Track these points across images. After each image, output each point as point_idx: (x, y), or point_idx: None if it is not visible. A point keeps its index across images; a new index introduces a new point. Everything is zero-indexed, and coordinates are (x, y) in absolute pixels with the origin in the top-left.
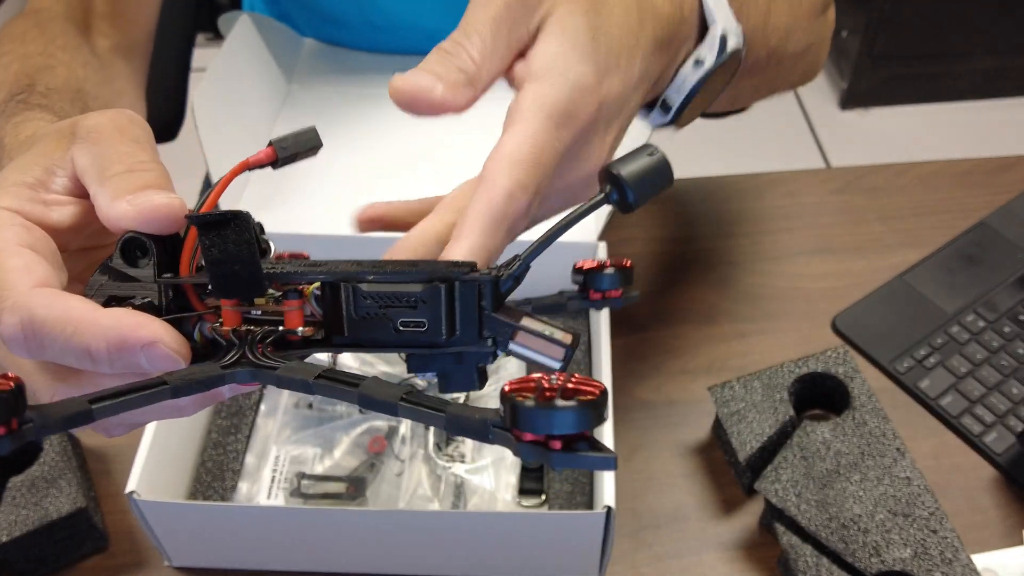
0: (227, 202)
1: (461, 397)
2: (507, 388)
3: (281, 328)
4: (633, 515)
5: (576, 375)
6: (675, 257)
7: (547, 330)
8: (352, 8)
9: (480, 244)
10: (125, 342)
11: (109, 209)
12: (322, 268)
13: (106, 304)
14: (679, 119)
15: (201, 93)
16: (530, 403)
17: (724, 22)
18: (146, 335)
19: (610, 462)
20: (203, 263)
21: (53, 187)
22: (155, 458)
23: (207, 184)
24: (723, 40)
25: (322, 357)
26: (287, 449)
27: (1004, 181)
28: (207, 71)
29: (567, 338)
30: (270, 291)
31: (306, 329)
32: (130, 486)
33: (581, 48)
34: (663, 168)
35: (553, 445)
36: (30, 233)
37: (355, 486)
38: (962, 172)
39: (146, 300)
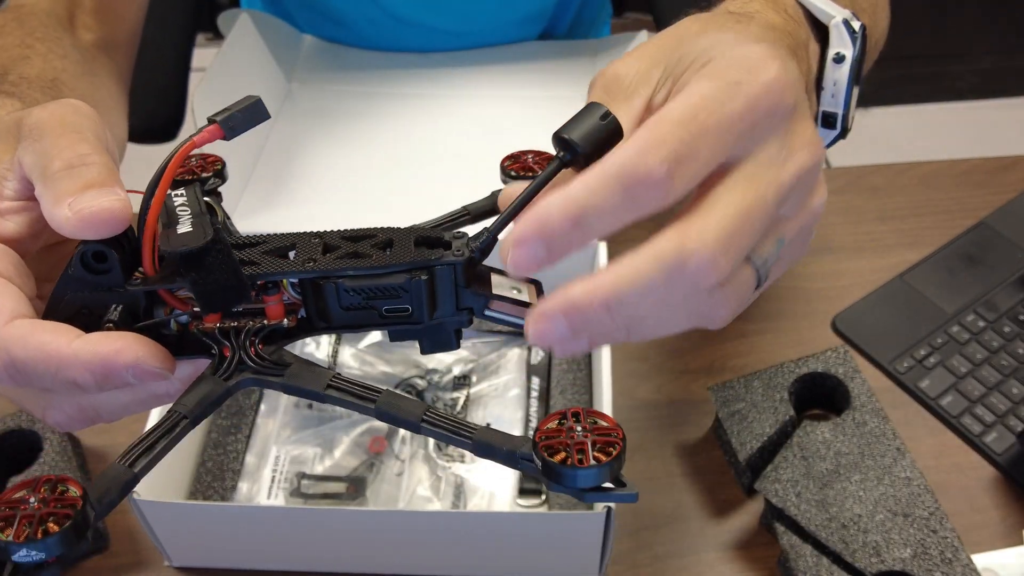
0: (228, 202)
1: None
2: (538, 439)
3: (267, 323)
4: (633, 515)
5: (595, 414)
6: None
7: (515, 294)
8: (351, 6)
9: (578, 193)
10: (110, 370)
11: (52, 214)
12: (299, 260)
13: (77, 315)
14: (847, 125)
15: (201, 93)
16: (560, 462)
17: (836, 11)
18: (129, 359)
19: (632, 497)
20: (162, 251)
21: (5, 194)
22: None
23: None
24: (848, 26)
25: (321, 357)
26: (287, 449)
27: (1004, 181)
28: (207, 70)
29: (533, 299)
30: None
31: (290, 319)
32: None
33: (732, 39)
34: (612, 128)
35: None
36: None
37: (355, 486)
38: (962, 172)
39: (120, 309)
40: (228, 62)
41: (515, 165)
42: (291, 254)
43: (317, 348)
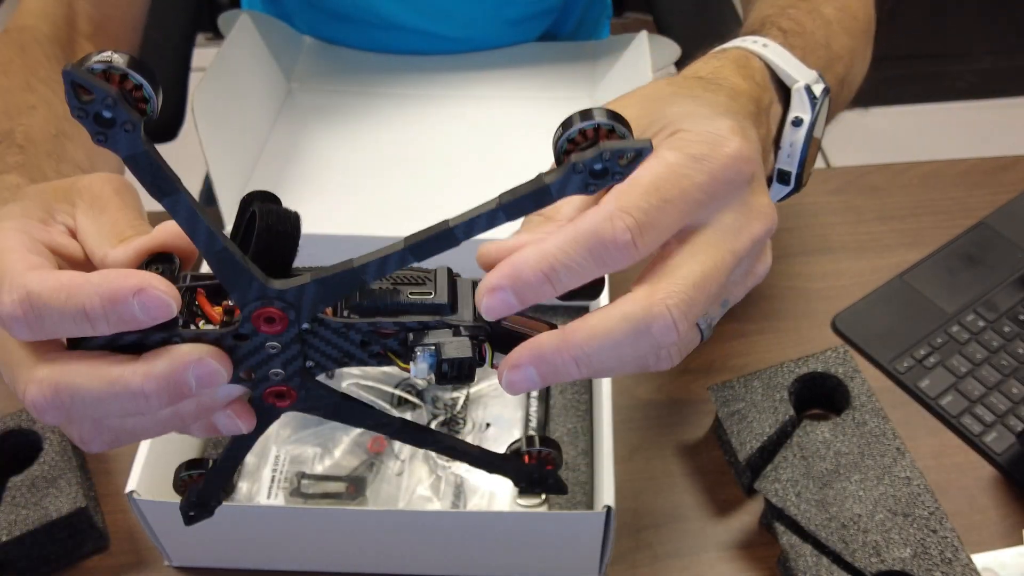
0: (227, 203)
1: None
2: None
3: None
4: (633, 515)
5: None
6: None
7: (528, 314)
8: (351, 10)
9: (551, 251)
10: (116, 293)
11: (127, 250)
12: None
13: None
14: (801, 182)
15: (201, 93)
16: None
17: (801, 76)
18: (135, 282)
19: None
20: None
21: (55, 227)
22: (155, 458)
23: (207, 185)
24: (809, 91)
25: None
26: (287, 449)
27: (1004, 181)
28: (207, 71)
29: (542, 327)
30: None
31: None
32: (130, 486)
33: (703, 113)
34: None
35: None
36: (35, 245)
37: (355, 486)
38: (962, 172)
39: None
40: (228, 62)
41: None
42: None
43: None
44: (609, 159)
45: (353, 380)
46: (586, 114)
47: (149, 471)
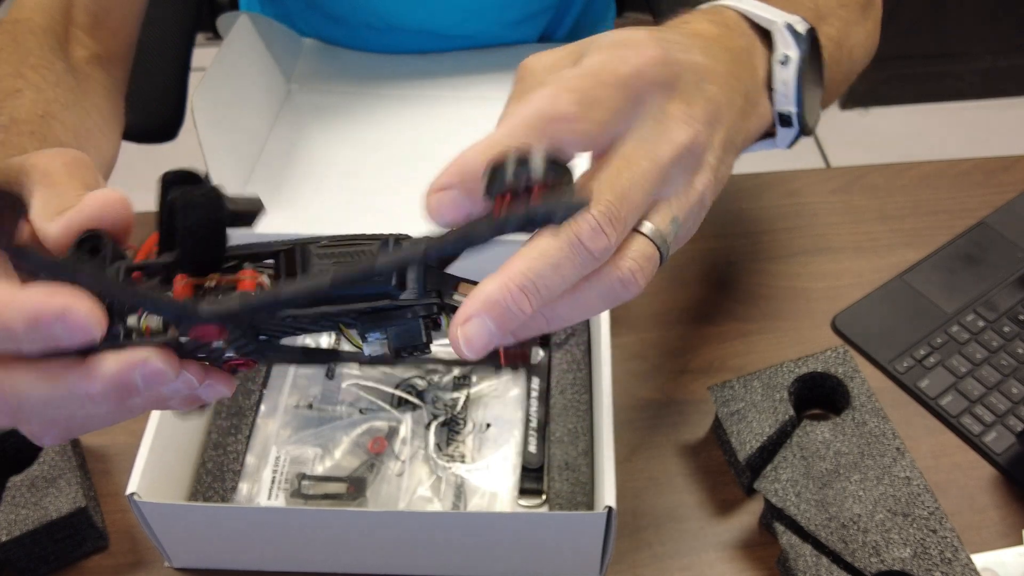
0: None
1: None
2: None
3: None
4: (633, 515)
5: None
6: (675, 257)
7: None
8: (350, 8)
9: (500, 140)
10: (40, 317)
11: (57, 225)
12: (276, 242)
13: None
14: (805, 123)
15: (201, 93)
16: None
17: (778, 17)
18: (58, 306)
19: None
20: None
21: None
22: (155, 459)
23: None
24: (791, 29)
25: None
26: (287, 450)
27: (1004, 181)
28: (207, 71)
29: None
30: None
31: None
32: (130, 487)
33: (628, 31)
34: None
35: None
36: None
37: (355, 486)
38: (962, 172)
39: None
40: (227, 63)
41: None
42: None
43: (316, 344)
44: (541, 217)
45: (353, 381)
46: (522, 161)
47: (149, 472)
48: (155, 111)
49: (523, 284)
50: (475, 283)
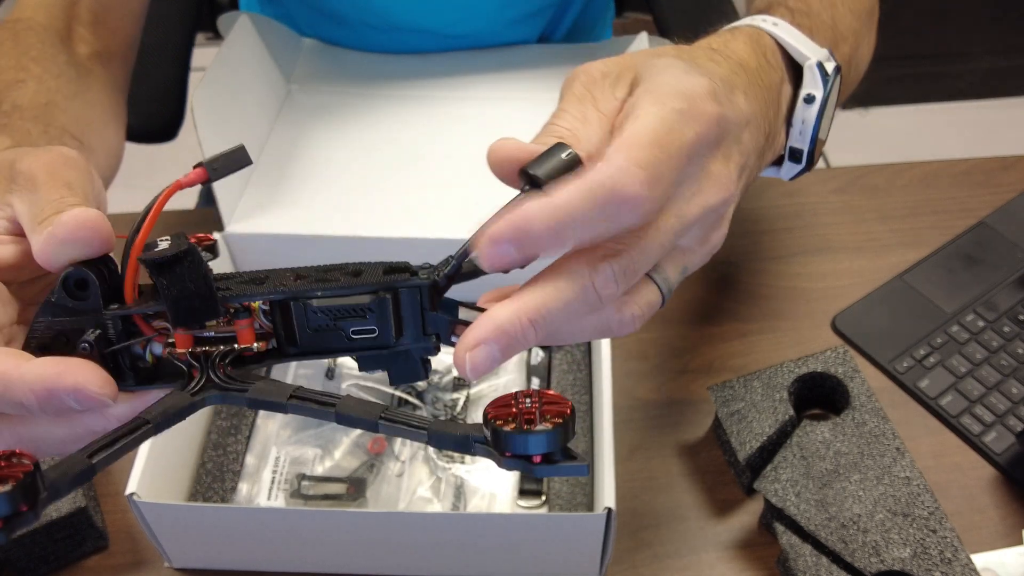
0: (227, 204)
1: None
2: (489, 414)
3: (237, 347)
4: (633, 515)
5: (546, 393)
6: None
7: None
8: (349, 7)
9: (561, 204)
10: (51, 393)
11: (38, 245)
12: (270, 286)
13: (54, 342)
14: (812, 160)
15: (201, 93)
16: (510, 429)
17: (812, 53)
18: (69, 384)
19: (582, 469)
20: (144, 285)
21: None
22: (155, 459)
23: (206, 186)
24: (821, 68)
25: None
26: (287, 450)
27: (1004, 181)
28: (207, 71)
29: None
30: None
31: (260, 344)
32: (130, 487)
33: (685, 70)
34: (576, 165)
35: (534, 459)
36: None
37: (355, 487)
38: (962, 172)
39: (97, 333)
40: (227, 63)
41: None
42: (264, 284)
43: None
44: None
45: (353, 381)
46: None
47: (149, 472)
48: (155, 111)
49: (534, 318)
50: (476, 308)
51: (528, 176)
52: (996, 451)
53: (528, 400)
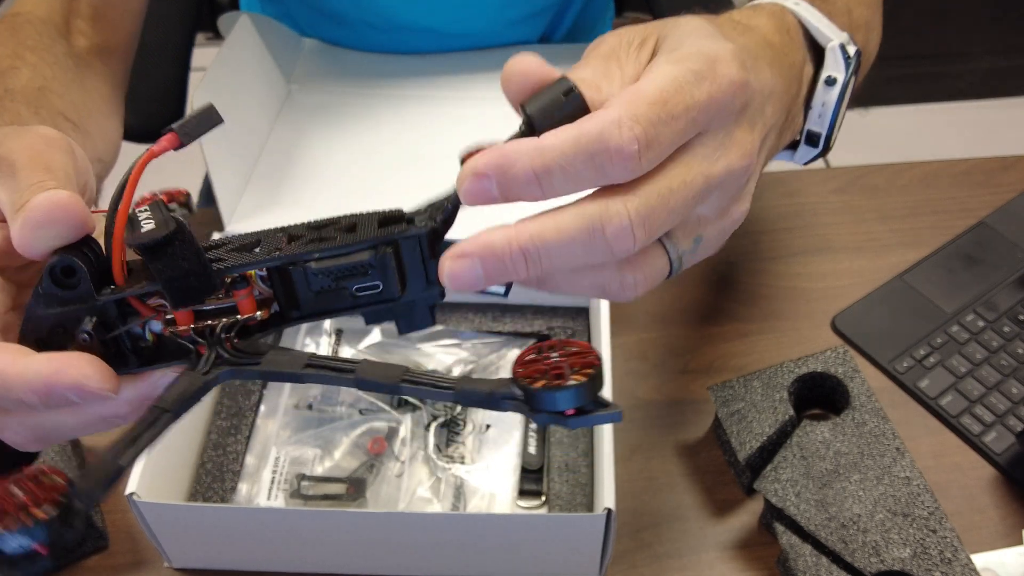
0: (227, 204)
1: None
2: (519, 371)
3: (239, 317)
4: (633, 515)
5: (570, 343)
6: None
7: None
8: (350, 6)
9: (549, 148)
10: (52, 389)
11: (14, 233)
12: (264, 252)
13: (51, 333)
14: (829, 145)
15: (201, 93)
16: (540, 387)
17: (834, 35)
18: (69, 381)
19: (616, 416)
20: (132, 261)
21: None
22: (155, 459)
23: (206, 185)
24: (843, 50)
25: None
26: (287, 450)
27: (1004, 181)
28: (207, 71)
29: None
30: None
31: (262, 312)
32: (130, 487)
33: (710, 34)
34: (576, 104)
35: (566, 413)
36: None
37: (355, 487)
38: (962, 172)
39: (94, 321)
40: (228, 63)
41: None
42: (257, 249)
43: (317, 349)
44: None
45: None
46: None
47: (149, 472)
48: (155, 111)
49: (527, 249)
50: None
51: (524, 113)
52: (996, 451)
53: (554, 353)
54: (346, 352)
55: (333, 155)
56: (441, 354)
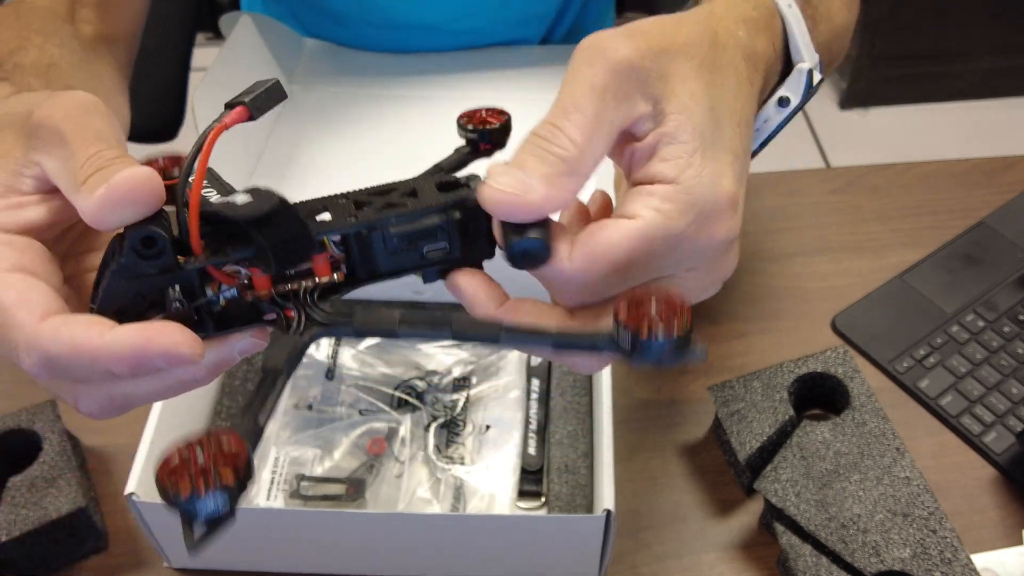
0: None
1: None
2: (622, 317)
3: (319, 280)
4: (633, 515)
5: (668, 298)
6: None
7: None
8: (351, 5)
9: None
10: (142, 360)
11: (90, 209)
12: (339, 218)
13: (132, 304)
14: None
15: (201, 93)
16: (645, 336)
17: (808, 56)
18: (159, 350)
19: (703, 355)
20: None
21: (23, 189)
22: (155, 459)
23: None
24: (809, 76)
25: (320, 359)
26: (287, 450)
27: (1004, 181)
28: (207, 71)
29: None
30: None
31: (339, 274)
32: (130, 487)
33: (712, 148)
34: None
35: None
36: (12, 248)
37: (354, 487)
38: (962, 172)
39: (177, 290)
40: (228, 63)
41: (470, 121)
42: (326, 215)
43: (317, 350)
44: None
45: (352, 381)
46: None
47: (149, 472)
48: (155, 111)
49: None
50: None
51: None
52: (996, 451)
53: (654, 303)
54: (346, 352)
55: (334, 155)
56: (441, 355)
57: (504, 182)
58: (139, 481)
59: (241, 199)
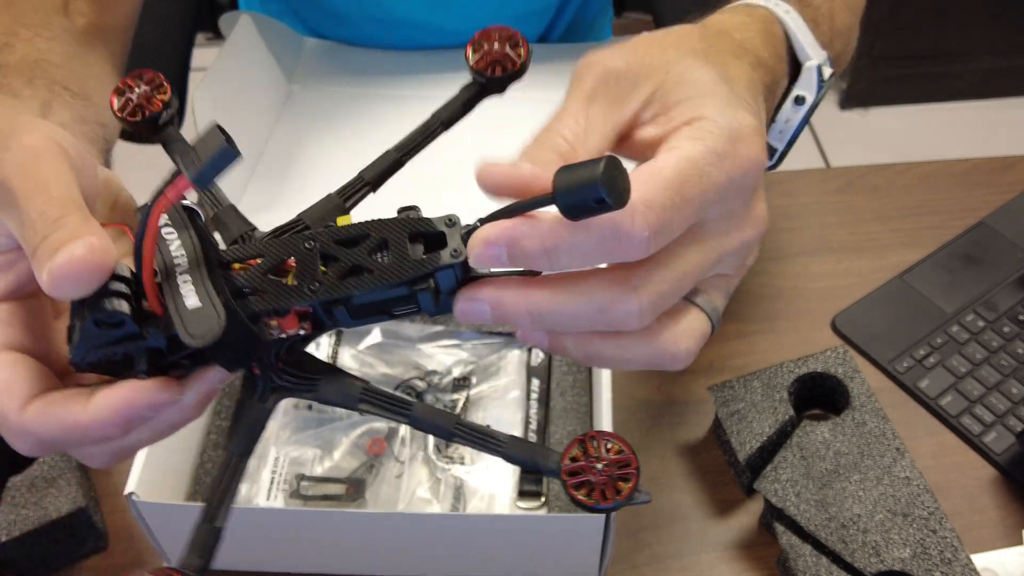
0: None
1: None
2: (564, 474)
3: (284, 336)
4: (633, 515)
5: (612, 445)
6: None
7: None
8: (351, 3)
9: (559, 231)
10: (130, 419)
11: (42, 284)
12: (306, 286)
13: (107, 363)
14: (780, 161)
15: (201, 93)
16: (586, 495)
17: (815, 54)
18: (144, 404)
19: (646, 499)
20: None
21: None
22: (154, 459)
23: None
24: (819, 72)
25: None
26: (286, 450)
27: (1004, 181)
28: (207, 71)
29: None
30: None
31: (305, 324)
32: (129, 487)
33: (728, 101)
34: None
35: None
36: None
37: (354, 487)
38: (962, 172)
39: (143, 357)
40: (229, 63)
41: (481, 61)
42: (291, 278)
43: (317, 349)
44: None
45: None
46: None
47: (148, 472)
48: None
49: (533, 313)
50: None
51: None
52: (996, 451)
53: (599, 464)
54: (346, 352)
55: (334, 155)
56: (441, 355)
57: (499, 165)
58: (139, 481)
59: (189, 301)
